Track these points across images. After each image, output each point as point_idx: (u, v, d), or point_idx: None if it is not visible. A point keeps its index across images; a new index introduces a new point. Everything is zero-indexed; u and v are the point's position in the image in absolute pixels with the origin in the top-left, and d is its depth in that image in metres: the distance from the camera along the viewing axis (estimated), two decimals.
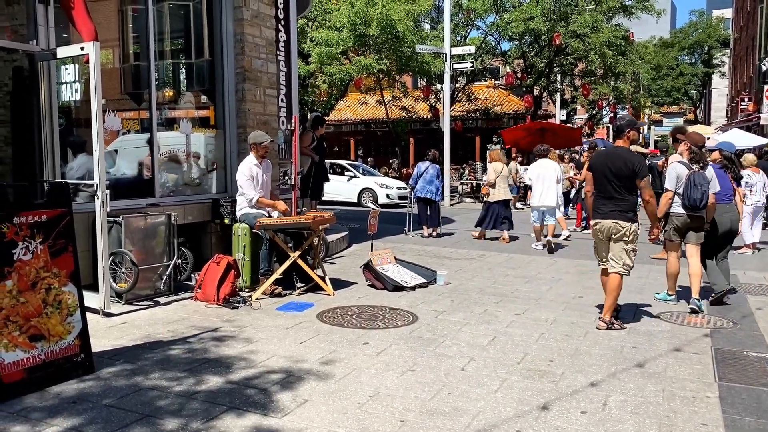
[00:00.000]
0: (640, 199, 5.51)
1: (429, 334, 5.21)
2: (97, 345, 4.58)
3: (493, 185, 10.97)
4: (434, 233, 11.54)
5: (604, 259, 5.59)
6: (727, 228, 6.54)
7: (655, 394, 3.96)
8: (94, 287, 5.49)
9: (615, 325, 5.43)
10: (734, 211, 6.66)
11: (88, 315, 4.41)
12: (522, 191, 18.71)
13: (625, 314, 5.87)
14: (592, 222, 5.64)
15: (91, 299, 5.18)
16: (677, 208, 6.28)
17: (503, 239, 10.91)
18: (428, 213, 11.59)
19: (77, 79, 6.09)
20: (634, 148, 8.06)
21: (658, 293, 6.69)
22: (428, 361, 4.51)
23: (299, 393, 3.88)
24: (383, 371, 4.28)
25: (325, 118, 16.97)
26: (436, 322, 5.59)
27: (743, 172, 10.04)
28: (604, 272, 5.61)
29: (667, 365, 4.51)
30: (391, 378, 4.16)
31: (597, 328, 5.41)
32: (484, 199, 11.51)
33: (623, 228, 5.36)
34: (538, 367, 4.44)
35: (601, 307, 5.75)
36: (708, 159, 6.78)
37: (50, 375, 3.93)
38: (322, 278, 6.69)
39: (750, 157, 10.52)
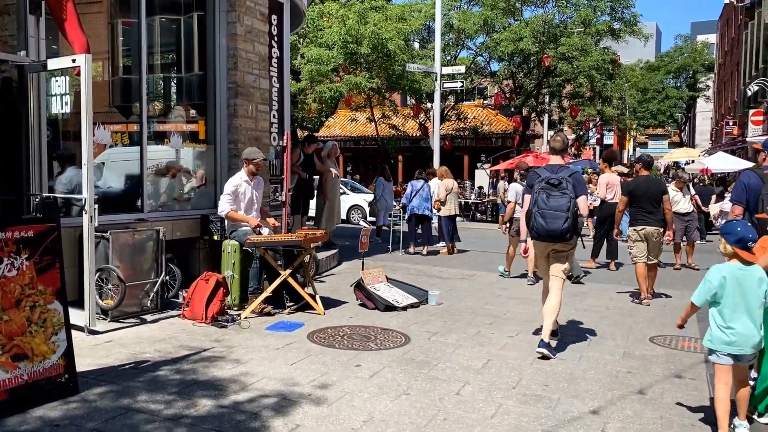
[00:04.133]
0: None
1: (422, 356, 5.12)
2: (82, 364, 4.44)
3: (443, 202, 11.70)
4: (424, 251, 11.53)
5: (650, 255, 7.48)
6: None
7: (653, 421, 3.90)
8: (79, 304, 5.34)
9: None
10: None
11: (73, 332, 4.27)
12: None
13: (617, 337, 5.86)
14: (638, 228, 7.47)
15: (76, 316, 5.03)
16: (519, 214, 7.96)
17: (444, 252, 11.86)
18: (419, 231, 11.83)
19: (67, 91, 5.98)
20: (615, 169, 11.44)
21: (500, 267, 9.42)
22: (422, 385, 4.42)
23: (291, 418, 3.77)
24: (377, 395, 4.19)
25: (315, 134, 16.92)
26: (429, 343, 5.51)
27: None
28: (641, 266, 7.45)
29: (663, 391, 4.45)
30: (385, 402, 4.06)
31: (644, 303, 7.37)
32: (437, 214, 12.16)
33: (661, 231, 7.44)
34: (533, 391, 4.36)
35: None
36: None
37: (33, 396, 3.79)
38: (313, 297, 6.59)
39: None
